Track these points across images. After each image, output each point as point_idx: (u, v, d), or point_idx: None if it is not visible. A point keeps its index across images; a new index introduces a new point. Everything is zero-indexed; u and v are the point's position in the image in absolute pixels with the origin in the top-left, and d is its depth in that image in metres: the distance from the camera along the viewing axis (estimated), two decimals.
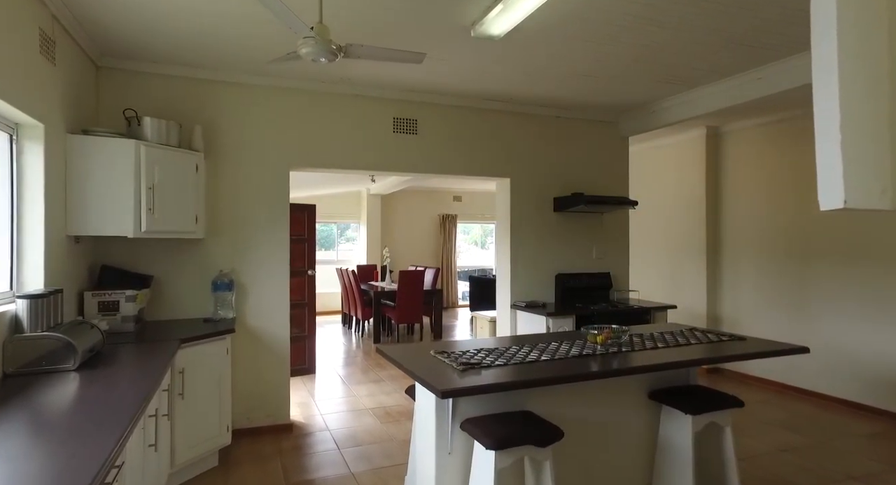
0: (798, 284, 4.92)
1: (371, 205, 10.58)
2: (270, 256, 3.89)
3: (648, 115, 4.78)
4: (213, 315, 3.57)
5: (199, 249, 3.66)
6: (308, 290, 5.75)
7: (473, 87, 4.12)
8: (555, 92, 4.26)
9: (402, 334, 8.05)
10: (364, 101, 4.19)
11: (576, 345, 2.66)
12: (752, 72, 3.77)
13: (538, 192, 4.82)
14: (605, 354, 2.47)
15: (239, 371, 3.75)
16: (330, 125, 4.08)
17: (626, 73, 3.82)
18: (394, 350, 2.58)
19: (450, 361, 2.31)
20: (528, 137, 4.78)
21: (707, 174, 5.73)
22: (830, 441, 3.72)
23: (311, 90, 4.01)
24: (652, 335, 2.93)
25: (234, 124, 3.79)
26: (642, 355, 2.45)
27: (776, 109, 4.94)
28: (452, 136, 4.50)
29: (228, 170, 3.78)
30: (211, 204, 3.71)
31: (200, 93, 3.69)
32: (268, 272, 3.87)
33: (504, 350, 2.55)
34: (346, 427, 4.04)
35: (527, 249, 4.78)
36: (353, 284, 7.95)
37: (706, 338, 2.86)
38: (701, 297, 5.75)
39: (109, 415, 1.61)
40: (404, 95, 4.27)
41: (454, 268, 11.35)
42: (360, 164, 4.19)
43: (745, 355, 2.44)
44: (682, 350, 2.56)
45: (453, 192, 11.38)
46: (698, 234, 5.80)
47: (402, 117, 4.32)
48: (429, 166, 4.42)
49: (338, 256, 11.21)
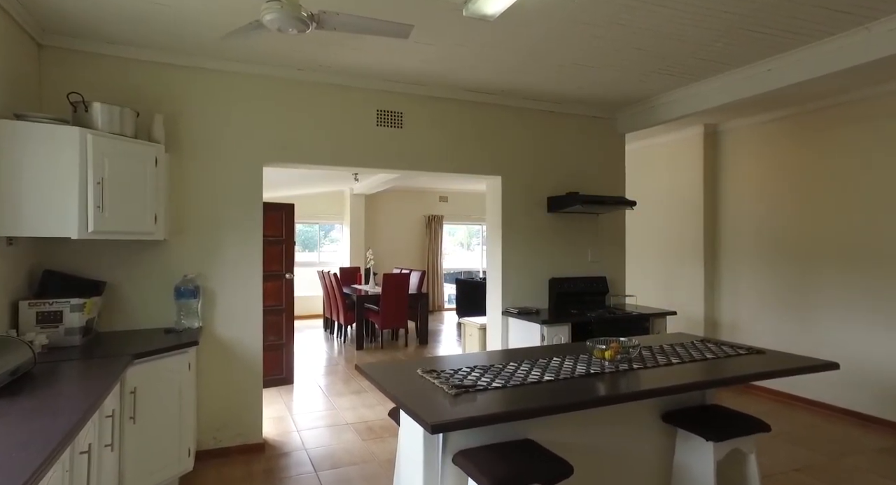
0: (800, 289, 4.70)
1: (354, 205, 10.23)
2: (242, 258, 3.54)
3: (648, 110, 4.52)
4: (177, 325, 3.22)
5: (160, 251, 3.30)
6: (286, 294, 5.40)
7: (463, 76, 3.82)
8: (550, 84, 3.98)
9: (386, 340, 7.72)
10: (345, 91, 3.86)
11: (580, 361, 2.37)
12: (761, 63, 3.53)
13: (531, 191, 4.54)
14: (614, 372, 2.18)
15: (205, 387, 3.40)
16: (307, 117, 3.75)
17: (625, 63, 3.56)
18: (376, 369, 2.27)
19: (440, 382, 2.00)
20: (521, 133, 4.49)
21: (705, 174, 5.50)
22: (844, 458, 3.49)
23: (287, 78, 3.67)
24: (662, 348, 2.65)
25: (201, 114, 3.44)
26: (657, 374, 2.17)
27: (779, 106, 4.72)
28: (440, 130, 4.19)
29: (195, 164, 3.42)
30: (175, 202, 3.35)
31: (163, 79, 3.33)
32: (239, 277, 3.53)
33: (501, 368, 2.25)
34: (325, 445, 3.71)
35: (519, 251, 4.49)
36: (335, 287, 7.60)
37: (721, 351, 2.59)
38: (698, 301, 5.51)
39: (14, 460, 1.28)
40: (388, 86, 3.96)
41: (440, 270, 11.04)
42: (340, 160, 3.86)
43: (774, 373, 2.17)
44: (699, 367, 2.29)
45: (439, 192, 11.08)
46: (695, 236, 5.56)
47: (386, 110, 4.00)
48: (415, 163, 4.11)
49: (320, 259, 10.83)
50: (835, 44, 3.10)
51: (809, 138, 4.68)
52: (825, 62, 3.19)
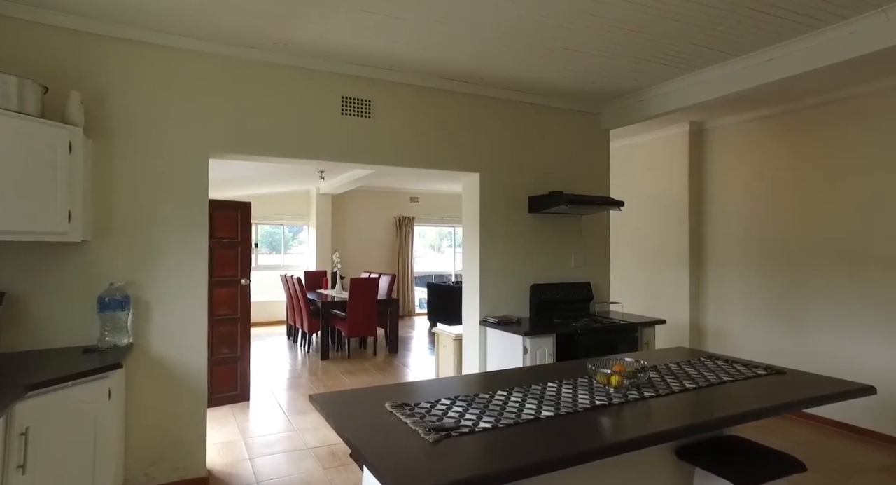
0: (791, 295, 4.47)
1: (321, 205, 9.70)
2: (184, 263, 3.06)
3: (635, 105, 4.21)
4: (100, 342, 2.71)
5: (79, 256, 2.79)
6: (241, 302, 4.89)
7: (437, 59, 3.42)
8: (535, 71, 3.62)
9: (354, 348, 7.25)
10: (305, 74, 3.42)
11: (580, 387, 2.00)
12: (762, 52, 3.24)
13: (511, 190, 4.17)
14: (623, 403, 1.82)
15: (136, 415, 2.90)
16: (262, 103, 3.30)
17: (617, 49, 3.22)
18: (334, 401, 1.84)
19: (414, 422, 1.59)
20: (501, 126, 4.12)
21: (690, 174, 5.25)
22: (849, 480, 3.23)
23: (239, 58, 3.21)
24: (670, 369, 2.30)
25: (135, 95, 2.94)
26: (674, 404, 1.81)
27: (769, 103, 4.49)
28: (413, 122, 3.78)
29: (126, 153, 2.93)
30: (100, 197, 2.85)
31: (84, 50, 2.82)
32: (179, 284, 3.04)
33: (488, 398, 1.86)
34: (281, 477, 3.25)
35: (498, 255, 4.11)
36: (299, 292, 7.09)
37: (737, 371, 2.26)
38: (683, 307, 5.25)
39: None
40: (355, 70, 3.53)
41: (411, 274, 10.60)
42: (300, 152, 3.41)
43: (809, 401, 1.85)
44: (719, 394, 1.95)
45: (410, 192, 10.65)
46: (680, 239, 5.30)
47: (353, 97, 3.57)
48: (384, 157, 3.69)
49: (284, 261, 10.25)
50: (848, 29, 2.83)
51: (799, 137, 4.46)
52: (833, 50, 2.92)
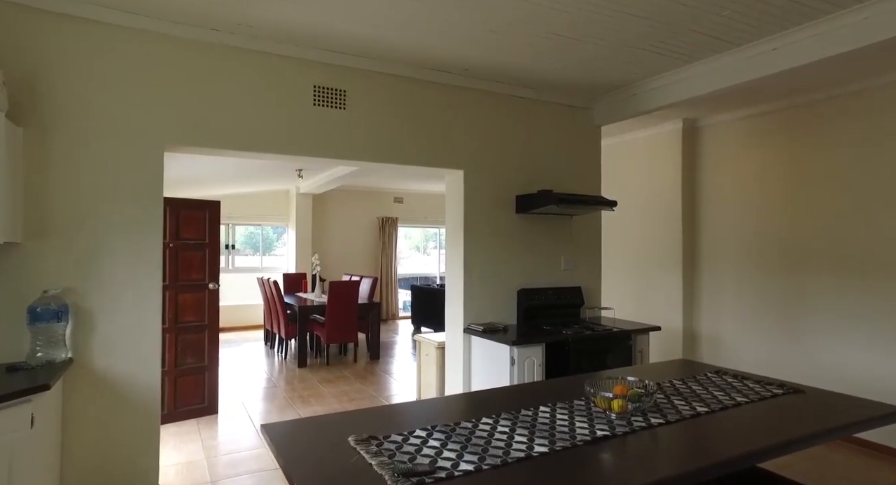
0: (789, 300, 4.27)
1: (301, 205, 9.35)
2: (133, 268, 2.74)
3: (629, 98, 3.98)
4: (30, 359, 2.39)
5: (4, 260, 2.47)
6: (209, 308, 4.56)
7: (419, 46, 3.15)
8: (524, 61, 3.36)
9: (333, 355, 6.93)
10: (274, 61, 3.12)
11: (577, 412, 1.73)
12: (767, 41, 3.02)
13: (498, 188, 3.91)
14: (628, 432, 1.56)
15: (74, 442, 2.57)
16: (225, 92, 2.99)
17: (614, 36, 2.98)
18: (287, 433, 1.55)
19: (380, 464, 1.31)
20: (487, 121, 3.86)
21: (683, 174, 5.03)
22: None
23: (199, 41, 2.90)
24: (676, 388, 2.05)
25: (76, 79, 2.62)
26: (689, 433, 1.56)
27: (767, 99, 4.28)
28: (392, 114, 3.50)
29: (65, 144, 2.60)
30: (33, 194, 2.52)
31: (12, 24, 2.50)
32: (129, 291, 2.73)
33: (470, 428, 1.58)
34: None
35: (483, 258, 3.85)
36: (276, 296, 6.75)
37: (750, 390, 2.01)
38: (676, 312, 5.03)
39: None
40: (329, 57, 3.24)
41: (394, 276, 10.30)
42: (267, 145, 3.11)
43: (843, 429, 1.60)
44: (736, 419, 1.69)
45: (394, 192, 10.35)
46: (673, 240, 5.09)
47: (326, 86, 3.28)
48: (360, 152, 3.40)
49: (262, 264, 9.88)
50: (861, 14, 2.61)
51: (798, 135, 4.27)
52: (844, 38, 2.71)
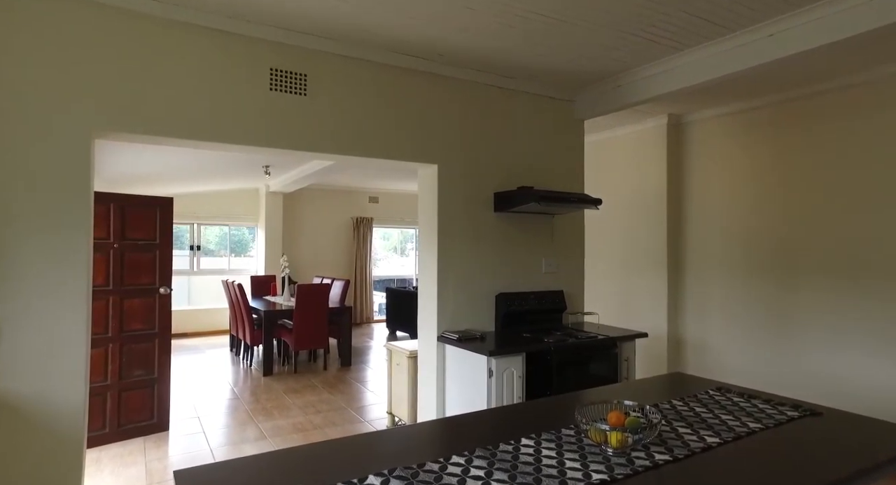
0: (778, 305, 4.08)
1: (271, 205, 8.94)
2: (50, 273, 2.37)
3: (613, 90, 3.73)
4: None
5: None
6: (160, 314, 4.17)
7: (383, 23, 2.84)
8: (500, 44, 3.08)
9: (302, 362, 6.56)
10: (225, 38, 2.78)
11: (567, 447, 1.45)
12: (763, 26, 2.80)
13: (474, 184, 3.62)
14: (630, 475, 1.27)
15: None
16: (168, 71, 2.64)
17: (599, 18, 2.71)
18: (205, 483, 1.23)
19: None
20: (463, 112, 3.57)
21: (668, 172, 4.82)
22: None
23: (137, 13, 2.54)
24: (678, 411, 1.78)
25: None
26: (699, 476, 1.28)
27: (759, 92, 4.09)
28: (358, 102, 3.19)
29: None
30: None
31: None
32: (43, 300, 2.36)
33: (438, 471, 1.28)
34: None
35: (459, 260, 3.55)
36: (240, 300, 6.36)
37: (760, 411, 1.76)
38: (661, 317, 4.82)
39: None
40: (287, 36, 2.91)
41: (369, 278, 9.94)
42: (216, 133, 2.77)
43: (884, 466, 1.35)
44: (753, 453, 1.43)
45: (369, 192, 10.00)
46: (657, 242, 4.87)
47: (285, 70, 2.95)
48: (323, 143, 3.08)
49: (230, 266, 9.42)
50: None
51: (788, 131, 4.08)
52: (850, 21, 2.50)
